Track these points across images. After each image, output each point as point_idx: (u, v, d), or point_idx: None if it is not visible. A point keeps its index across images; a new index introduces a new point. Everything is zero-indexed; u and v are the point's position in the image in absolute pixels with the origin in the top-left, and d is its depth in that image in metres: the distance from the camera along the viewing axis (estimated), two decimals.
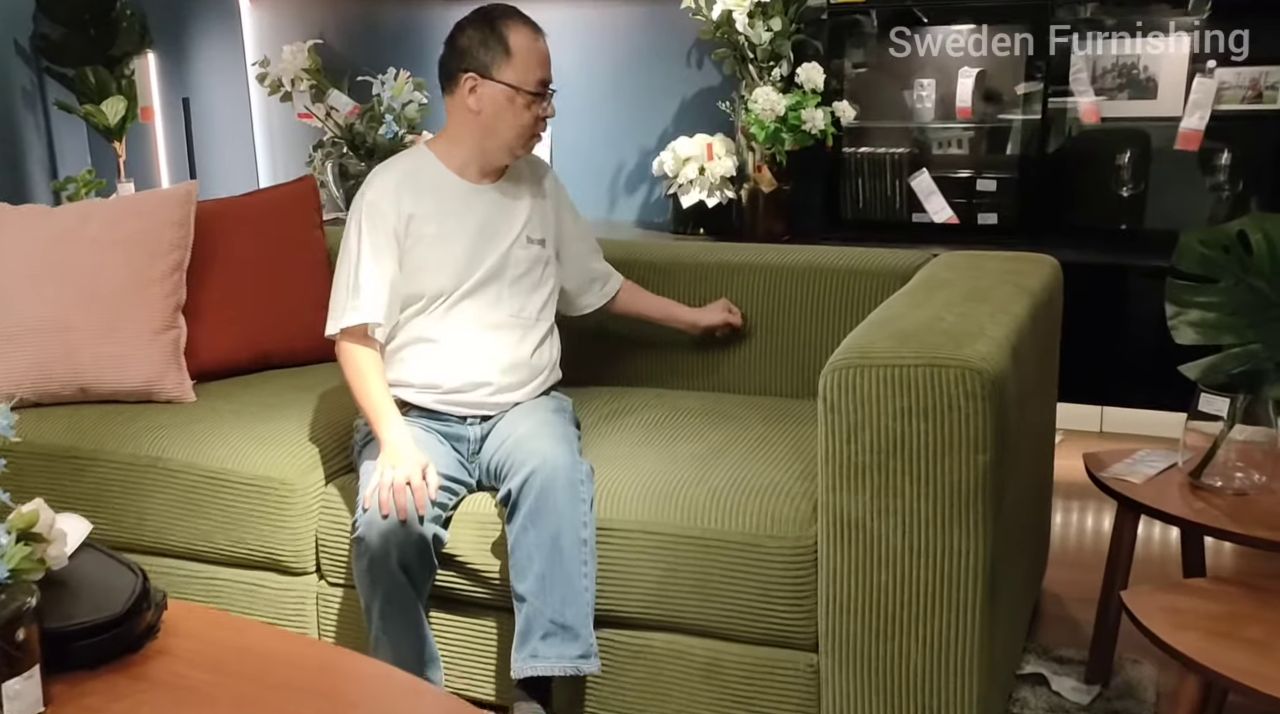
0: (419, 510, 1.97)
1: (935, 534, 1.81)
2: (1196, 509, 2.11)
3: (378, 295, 2.14)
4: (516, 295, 2.25)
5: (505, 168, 2.29)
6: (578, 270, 2.45)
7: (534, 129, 2.22)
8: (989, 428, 1.76)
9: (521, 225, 2.28)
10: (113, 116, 4.28)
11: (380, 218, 2.18)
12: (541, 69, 2.19)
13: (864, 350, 1.83)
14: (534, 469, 1.99)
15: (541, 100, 2.19)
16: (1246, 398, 2.13)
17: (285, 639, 1.65)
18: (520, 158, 2.28)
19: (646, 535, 2.01)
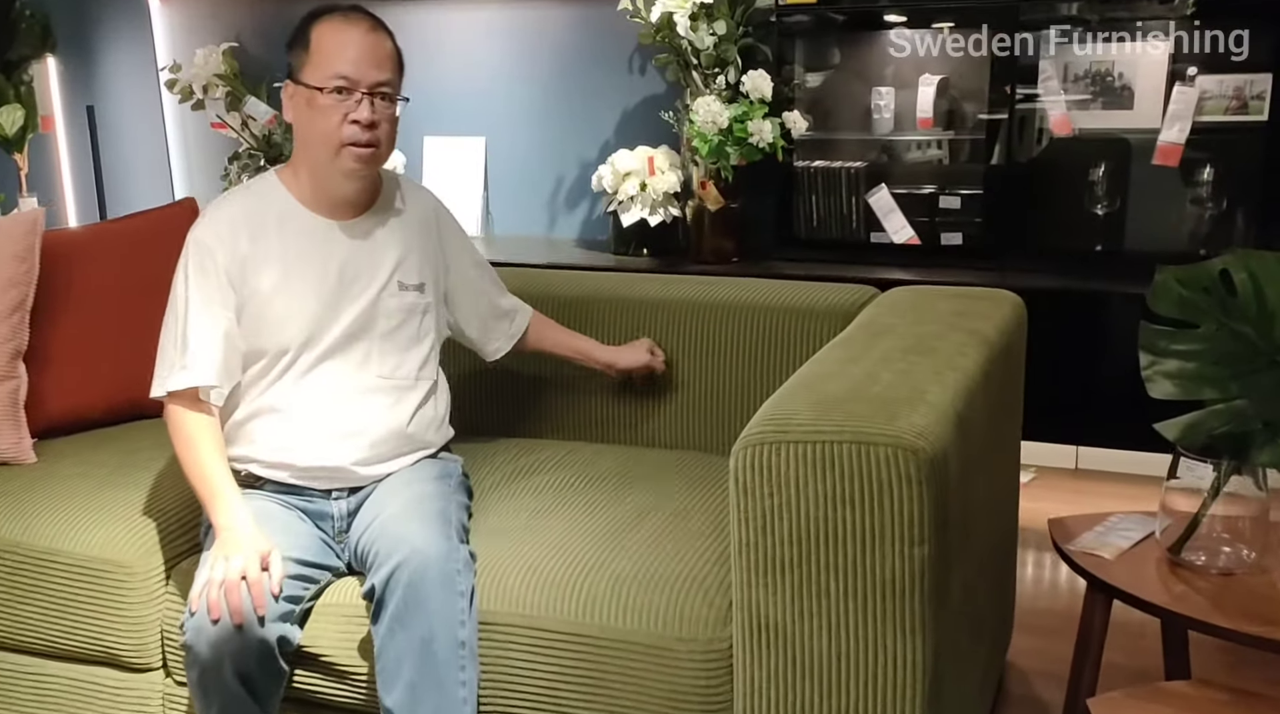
0: (257, 610, 1.66)
1: (866, 639, 1.52)
2: (1176, 594, 1.83)
3: (209, 353, 1.83)
4: (388, 353, 1.93)
5: (371, 199, 1.95)
6: (478, 312, 2.13)
7: (342, 137, 1.81)
8: (927, 516, 1.48)
9: (391, 269, 1.95)
10: (10, 126, 3.95)
11: (209, 259, 1.85)
12: (342, 62, 1.81)
13: (782, 423, 1.54)
14: (401, 561, 1.68)
15: (345, 99, 1.81)
16: (1231, 464, 1.85)
17: None
18: (346, 177, 1.86)
19: (534, 633, 1.72)
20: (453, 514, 1.82)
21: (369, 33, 1.85)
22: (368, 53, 1.83)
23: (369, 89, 1.82)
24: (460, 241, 2.12)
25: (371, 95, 1.82)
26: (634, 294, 2.36)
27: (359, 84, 1.82)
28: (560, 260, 3.47)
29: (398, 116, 1.89)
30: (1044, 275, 3.14)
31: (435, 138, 3.93)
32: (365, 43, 1.84)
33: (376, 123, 1.83)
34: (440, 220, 2.07)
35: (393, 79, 1.86)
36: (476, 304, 2.12)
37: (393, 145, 1.91)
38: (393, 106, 1.87)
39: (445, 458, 2.01)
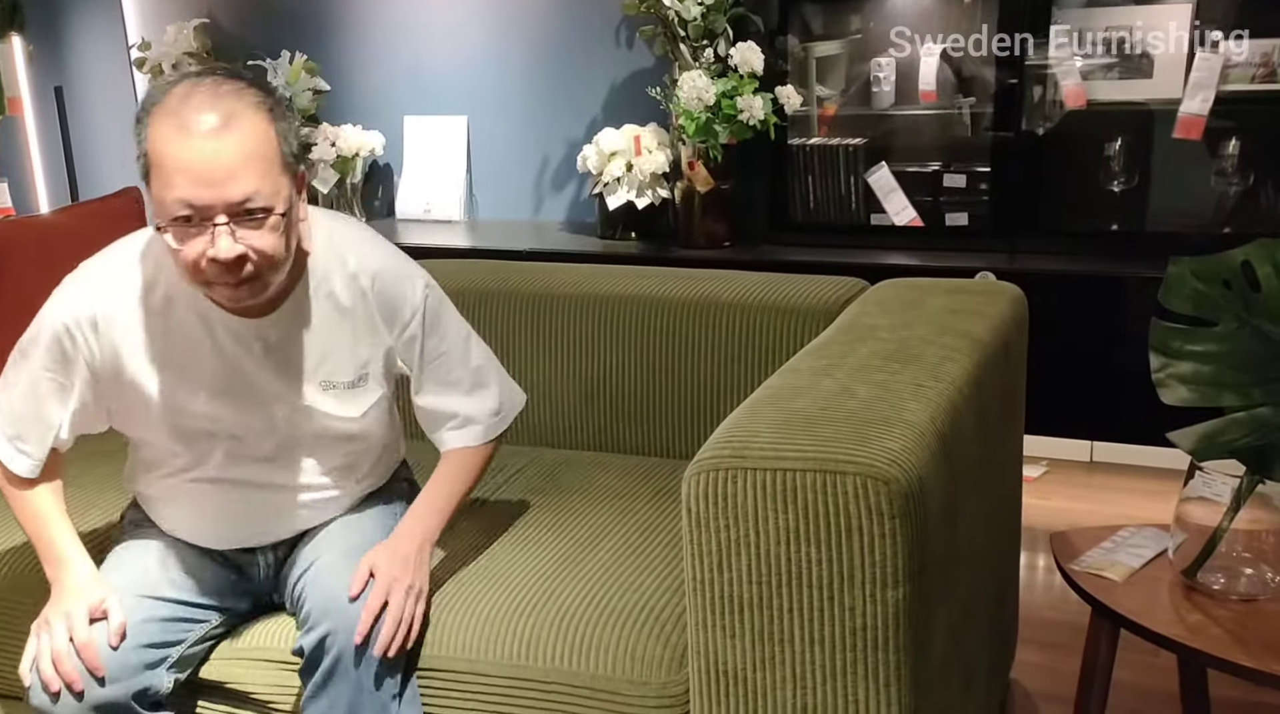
0: (94, 673, 1.48)
1: (835, 692, 1.36)
2: (1191, 624, 1.65)
3: (33, 433, 1.61)
4: (324, 461, 1.66)
5: (287, 280, 1.53)
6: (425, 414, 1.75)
7: (201, 273, 1.42)
8: (902, 555, 1.30)
9: (314, 368, 1.60)
10: None
11: (57, 366, 1.58)
12: (183, 186, 1.36)
13: (740, 446, 1.37)
14: (331, 630, 1.51)
15: (192, 231, 1.39)
16: (1254, 478, 1.66)
17: None
18: (233, 303, 1.49)
19: (470, 677, 1.56)
20: None
21: (213, 136, 1.36)
22: (214, 168, 1.36)
23: (222, 213, 1.38)
24: (417, 340, 1.66)
25: (230, 222, 1.38)
26: (602, 290, 2.18)
27: (208, 212, 1.38)
28: (545, 246, 3.29)
29: (287, 223, 1.44)
30: (1056, 258, 2.95)
31: (416, 117, 3.76)
32: (205, 154, 1.35)
33: (244, 254, 1.40)
34: (389, 314, 1.62)
35: (262, 187, 1.39)
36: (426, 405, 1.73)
37: (287, 257, 1.47)
38: (271, 219, 1.41)
39: (394, 487, 1.81)
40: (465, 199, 3.75)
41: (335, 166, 3.63)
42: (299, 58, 3.66)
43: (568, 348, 2.19)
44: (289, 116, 1.47)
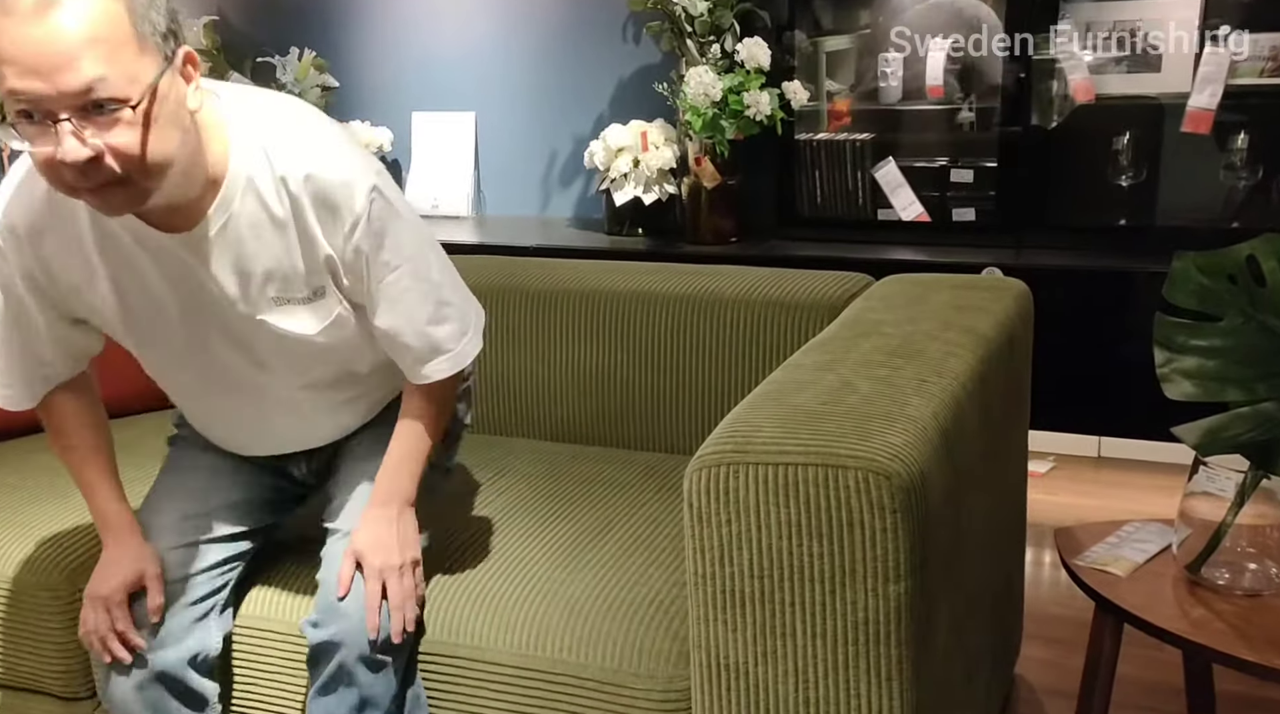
0: (137, 650, 1.52)
1: (838, 686, 1.36)
2: (1194, 619, 1.65)
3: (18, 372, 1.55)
4: (306, 366, 1.55)
5: (213, 185, 1.36)
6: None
7: (61, 179, 1.23)
8: (904, 549, 1.31)
9: (259, 285, 1.44)
10: None
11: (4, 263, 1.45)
12: (13, 76, 1.17)
13: (742, 441, 1.37)
14: (336, 637, 1.51)
15: (36, 129, 1.20)
16: (1257, 473, 1.66)
17: None
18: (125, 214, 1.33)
19: (480, 665, 1.57)
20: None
21: (35, 15, 1.15)
22: (42, 53, 1.15)
23: (64, 108, 1.18)
24: (364, 252, 1.45)
25: (72, 117, 1.18)
26: (607, 286, 2.18)
27: (44, 104, 1.18)
28: (552, 242, 3.30)
29: (159, 110, 1.23)
30: (1063, 253, 2.95)
31: (424, 113, 3.77)
32: (28, 39, 1.15)
33: (98, 153, 1.20)
34: (326, 218, 1.41)
35: (105, 74, 1.17)
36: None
37: (162, 154, 1.25)
38: (128, 111, 1.20)
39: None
40: (473, 195, 3.76)
41: None
42: (308, 54, 3.68)
43: (573, 343, 2.19)
44: (150, 4, 1.23)
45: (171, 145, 1.25)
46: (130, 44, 1.19)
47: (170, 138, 1.25)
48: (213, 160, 1.35)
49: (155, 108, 1.22)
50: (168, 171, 1.27)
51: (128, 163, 1.22)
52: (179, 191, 1.33)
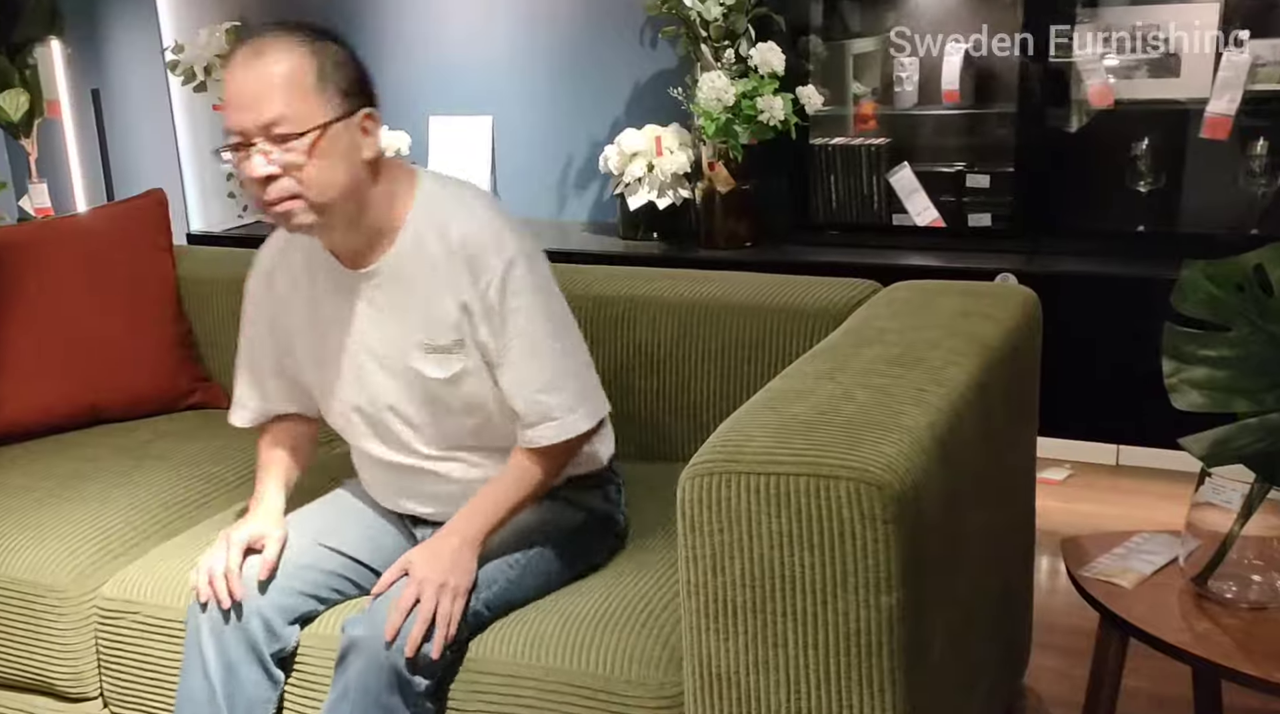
0: (233, 596, 1.59)
1: (829, 696, 1.36)
2: (1199, 633, 1.63)
3: (255, 393, 1.83)
4: (426, 428, 1.69)
5: (388, 230, 1.61)
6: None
7: (256, 198, 1.53)
8: (895, 560, 1.30)
9: (406, 326, 1.64)
10: (14, 111, 3.87)
11: (253, 307, 1.80)
12: (228, 111, 1.51)
13: (734, 450, 1.37)
14: (355, 640, 1.54)
15: (240, 155, 1.51)
16: (1264, 485, 1.64)
17: None
18: (314, 237, 1.62)
19: (475, 675, 1.57)
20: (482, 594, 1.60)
21: (245, 65, 1.50)
22: (245, 92, 1.49)
23: (257, 136, 1.49)
24: (494, 307, 1.62)
25: (261, 142, 1.49)
26: (612, 292, 2.18)
27: (245, 134, 1.50)
28: (567, 246, 3.30)
29: (328, 151, 1.51)
30: (1081, 259, 2.91)
31: (441, 117, 3.78)
32: (242, 80, 1.50)
33: (277, 172, 1.49)
34: (472, 266, 1.61)
35: (289, 111, 1.48)
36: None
37: (329, 184, 1.52)
38: (301, 142, 1.49)
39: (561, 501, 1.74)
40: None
41: None
42: None
43: None
44: (340, 58, 1.55)
45: (338, 177, 1.53)
46: (311, 93, 1.50)
47: (337, 171, 1.52)
48: (395, 213, 1.61)
49: (324, 144, 1.51)
50: (336, 200, 1.54)
51: (303, 185, 1.51)
52: (356, 229, 1.60)
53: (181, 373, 2.37)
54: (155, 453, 2.15)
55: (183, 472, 2.07)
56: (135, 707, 1.78)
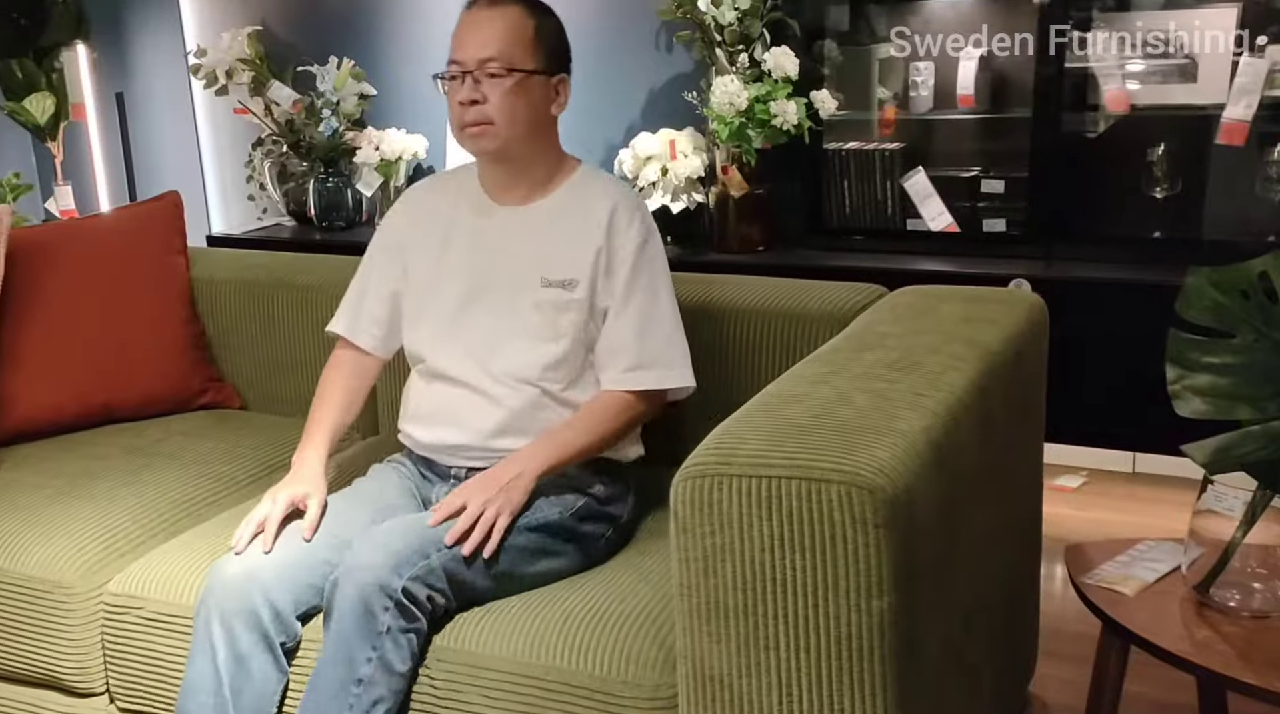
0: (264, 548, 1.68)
1: (821, 700, 1.36)
2: (1199, 641, 1.62)
3: (353, 306, 1.98)
4: (505, 347, 1.83)
5: (537, 187, 1.88)
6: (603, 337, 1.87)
7: (457, 118, 1.81)
8: (886, 564, 1.30)
9: (538, 258, 1.84)
10: (40, 114, 3.93)
11: (388, 231, 2.00)
12: (454, 46, 1.82)
13: (727, 453, 1.37)
14: (340, 569, 1.60)
15: (458, 84, 1.80)
16: (1266, 493, 1.62)
17: None
18: (477, 154, 1.88)
19: (478, 671, 1.59)
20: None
21: (480, 9, 1.81)
22: (472, 32, 1.80)
23: (471, 68, 1.78)
24: (630, 271, 1.84)
25: (474, 73, 1.78)
26: None
27: (463, 65, 1.79)
28: None
29: (525, 91, 1.79)
30: (1096, 265, 2.91)
31: None
32: (471, 22, 1.81)
33: (480, 98, 1.77)
34: (621, 235, 1.84)
35: (503, 52, 1.77)
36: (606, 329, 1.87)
37: (518, 120, 1.80)
38: (505, 79, 1.77)
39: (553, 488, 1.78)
40: None
41: (379, 169, 3.69)
42: (346, 63, 3.73)
43: None
44: (553, 29, 1.85)
45: (524, 117, 1.80)
46: (525, 46, 1.79)
47: (524, 112, 1.80)
48: (560, 168, 1.91)
49: (522, 87, 1.79)
50: (518, 136, 1.81)
51: (497, 110, 1.77)
52: (526, 166, 1.86)
53: (194, 373, 2.40)
54: (166, 452, 2.18)
55: (192, 471, 2.10)
56: (141, 701, 1.81)
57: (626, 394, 1.82)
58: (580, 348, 1.84)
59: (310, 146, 3.74)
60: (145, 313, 2.36)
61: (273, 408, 2.46)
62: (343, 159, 3.76)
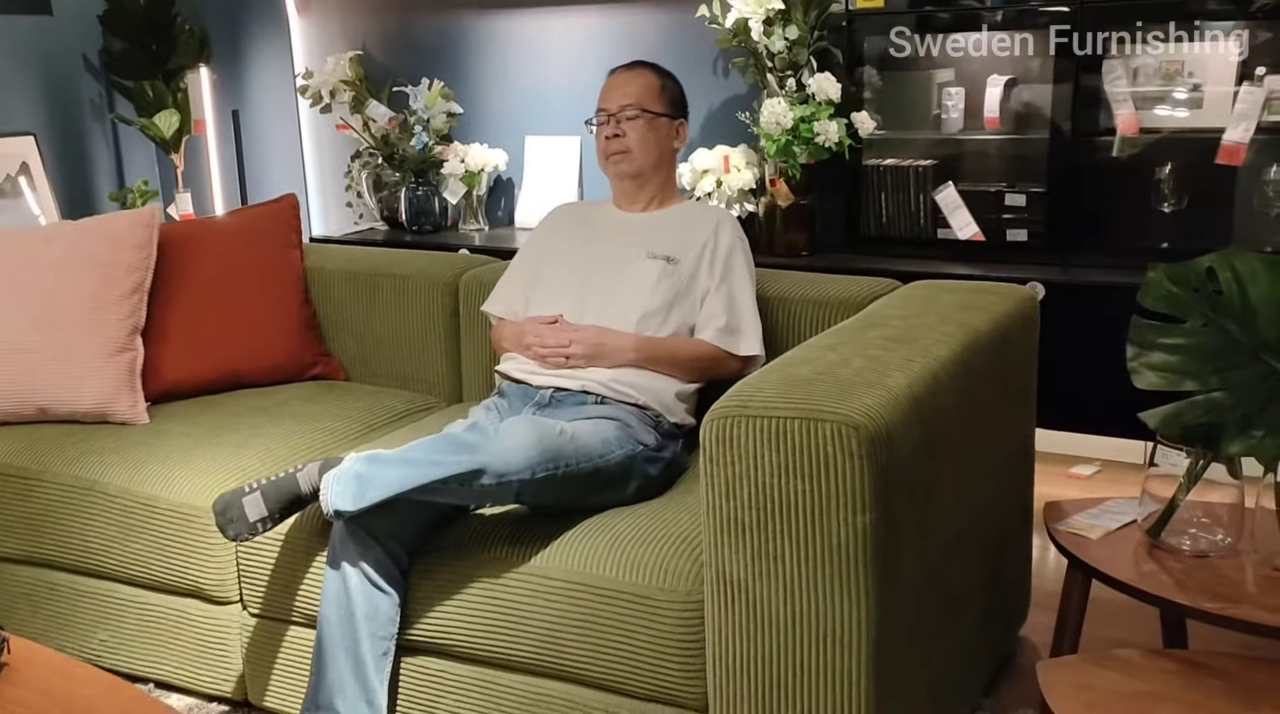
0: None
1: (816, 599, 1.69)
2: (1145, 573, 1.93)
3: (505, 293, 2.54)
4: (612, 299, 2.33)
5: (655, 201, 2.48)
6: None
7: (603, 149, 2.45)
8: (869, 487, 1.64)
9: (648, 243, 2.38)
10: (166, 129, 4.40)
11: (534, 237, 2.61)
12: (602, 99, 2.47)
13: (745, 399, 1.72)
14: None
15: (604, 124, 2.44)
16: (1206, 453, 1.93)
17: (124, 696, 1.63)
18: (616, 177, 2.48)
19: (539, 579, 1.94)
20: (538, 446, 2.00)
21: (620, 72, 2.50)
22: (615, 87, 2.46)
23: (615, 112, 2.42)
24: (722, 264, 2.36)
25: (617, 116, 2.41)
26: None
27: (608, 111, 2.44)
28: None
29: (654, 129, 2.42)
30: (1108, 271, 3.16)
31: (535, 137, 4.19)
32: (614, 80, 2.49)
33: (621, 133, 2.41)
34: (724, 236, 2.38)
35: (639, 101, 2.42)
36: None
37: (650, 151, 2.42)
38: (640, 120, 2.41)
39: (619, 418, 2.19)
40: None
41: (464, 180, 4.09)
42: (436, 84, 4.14)
43: None
44: (675, 87, 2.51)
45: (652, 150, 2.43)
46: (654, 96, 2.45)
47: (653, 144, 2.43)
48: (674, 195, 2.53)
49: (649, 126, 2.42)
50: (649, 163, 2.43)
51: (634, 142, 2.41)
52: (652, 186, 2.47)
53: (307, 348, 2.80)
54: (285, 411, 2.58)
55: (306, 426, 2.48)
56: (266, 608, 2.19)
57: (714, 346, 2.31)
58: (669, 308, 2.33)
59: (402, 159, 4.15)
60: (267, 297, 2.76)
61: (371, 380, 2.86)
62: (431, 170, 4.16)
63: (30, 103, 4.35)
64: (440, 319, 2.77)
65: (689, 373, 2.31)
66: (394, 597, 2.00)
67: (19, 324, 2.50)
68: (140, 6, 4.41)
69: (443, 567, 2.01)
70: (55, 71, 4.44)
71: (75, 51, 4.51)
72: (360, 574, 1.97)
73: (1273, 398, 1.89)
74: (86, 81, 4.56)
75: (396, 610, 2.00)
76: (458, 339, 2.78)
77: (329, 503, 1.91)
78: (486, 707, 2.01)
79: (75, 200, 4.49)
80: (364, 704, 1.97)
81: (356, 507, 1.90)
